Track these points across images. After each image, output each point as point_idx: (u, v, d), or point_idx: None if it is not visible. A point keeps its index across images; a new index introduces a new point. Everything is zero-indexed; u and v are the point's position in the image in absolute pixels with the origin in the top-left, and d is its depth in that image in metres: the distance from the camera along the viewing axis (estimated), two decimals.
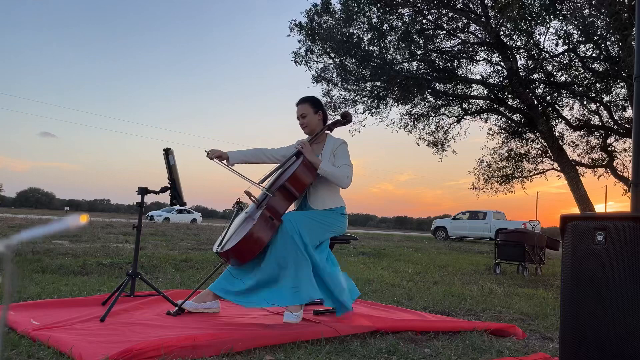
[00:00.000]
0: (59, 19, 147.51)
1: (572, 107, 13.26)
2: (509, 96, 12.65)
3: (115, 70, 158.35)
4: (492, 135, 14.41)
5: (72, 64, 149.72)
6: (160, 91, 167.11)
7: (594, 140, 14.00)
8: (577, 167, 12.65)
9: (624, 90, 11.72)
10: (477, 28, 11.90)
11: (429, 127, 14.20)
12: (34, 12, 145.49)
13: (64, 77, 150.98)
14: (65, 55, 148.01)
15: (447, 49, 12.63)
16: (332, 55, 12.68)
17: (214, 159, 2.88)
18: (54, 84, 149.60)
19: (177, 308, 2.64)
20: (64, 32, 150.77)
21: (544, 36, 11.33)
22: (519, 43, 11.73)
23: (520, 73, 11.79)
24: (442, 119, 14.15)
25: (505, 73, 12.07)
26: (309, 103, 2.96)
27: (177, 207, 26.97)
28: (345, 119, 3.07)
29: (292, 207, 2.83)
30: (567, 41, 10.71)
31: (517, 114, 13.35)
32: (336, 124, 3.03)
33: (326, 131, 3.01)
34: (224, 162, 2.90)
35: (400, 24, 11.77)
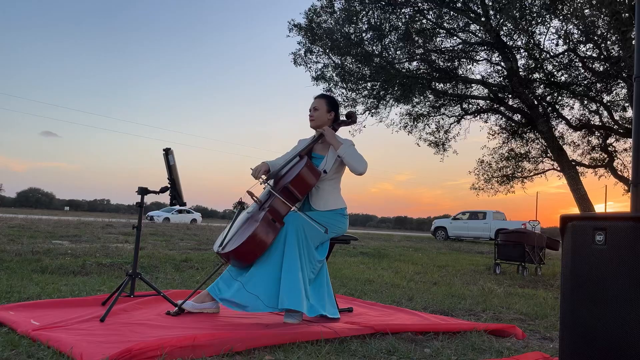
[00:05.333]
0: (60, 19, 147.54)
1: (572, 107, 13.28)
2: (509, 96, 12.65)
3: (116, 70, 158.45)
4: (493, 135, 14.42)
5: (72, 64, 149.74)
6: (161, 91, 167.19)
7: (594, 140, 14.01)
8: (577, 167, 12.66)
9: (624, 90, 11.72)
10: (477, 28, 11.90)
11: (429, 127, 14.22)
12: (35, 12, 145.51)
13: (64, 77, 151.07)
14: (66, 55, 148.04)
15: (447, 48, 12.64)
16: (332, 55, 12.68)
17: (260, 178, 2.77)
18: (54, 83, 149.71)
19: (177, 308, 2.64)
20: (65, 31, 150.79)
21: (544, 36, 11.34)
22: (519, 43, 11.74)
23: (521, 73, 11.79)
24: (442, 119, 14.16)
25: (505, 73, 12.07)
26: (326, 100, 2.99)
27: (177, 207, 26.96)
28: (350, 119, 3.07)
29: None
30: (567, 41, 10.71)
31: (517, 114, 13.36)
32: (341, 124, 3.02)
33: (332, 131, 3.00)
34: (266, 179, 2.82)
35: (400, 23, 11.77)
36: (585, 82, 11.82)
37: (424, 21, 11.93)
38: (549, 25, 10.82)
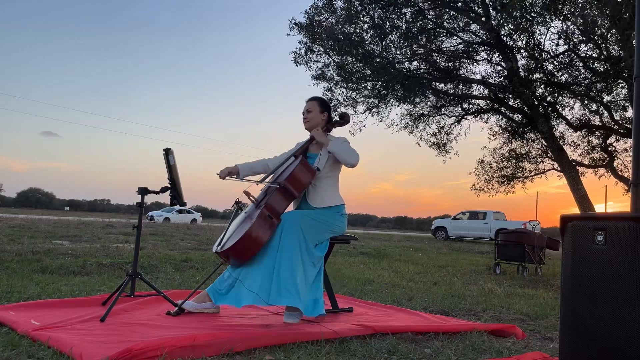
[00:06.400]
0: (60, 19, 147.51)
1: (573, 107, 13.29)
2: (510, 96, 12.65)
3: (116, 70, 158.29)
4: (494, 135, 14.43)
5: (72, 64, 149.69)
6: (161, 91, 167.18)
7: (594, 140, 14.01)
8: (577, 167, 12.66)
9: (624, 90, 11.72)
10: (478, 28, 11.90)
11: (430, 127, 14.22)
12: (35, 12, 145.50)
13: (64, 77, 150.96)
14: (66, 55, 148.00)
15: (447, 48, 12.64)
16: (333, 54, 12.69)
17: (227, 178, 2.93)
18: (54, 83, 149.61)
19: (177, 308, 2.64)
20: (65, 31, 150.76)
21: (544, 36, 11.35)
22: (519, 43, 11.74)
23: (521, 73, 11.79)
24: (443, 119, 14.17)
25: (506, 73, 12.08)
26: (318, 102, 3.04)
27: (177, 207, 26.98)
28: (344, 119, 3.11)
29: (291, 206, 2.84)
30: (567, 41, 10.71)
31: (518, 114, 13.36)
32: (334, 124, 3.06)
33: (325, 132, 3.02)
34: (234, 176, 2.95)
35: (401, 23, 11.78)
36: (586, 82, 11.82)
37: (425, 21, 11.93)
38: (549, 25, 10.84)
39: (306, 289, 2.58)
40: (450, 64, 12.64)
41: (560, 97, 12.66)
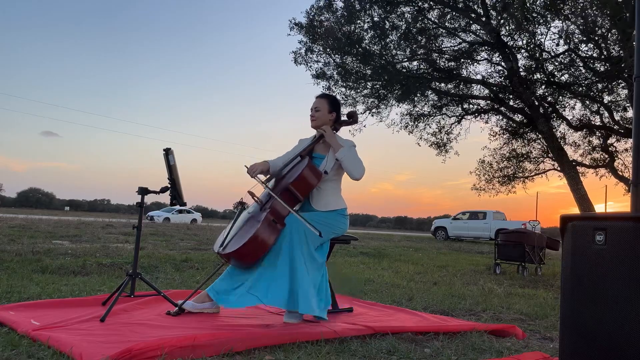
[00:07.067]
0: (60, 19, 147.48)
1: (573, 108, 13.30)
2: (510, 96, 12.66)
3: (116, 70, 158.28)
4: (494, 136, 14.43)
5: (72, 64, 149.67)
6: (161, 91, 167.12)
7: (595, 141, 14.02)
8: (577, 167, 12.67)
9: (625, 91, 11.72)
10: (478, 28, 11.90)
11: (430, 127, 14.22)
12: (35, 12, 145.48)
13: (64, 77, 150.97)
14: (66, 55, 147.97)
15: (447, 48, 12.65)
16: (333, 54, 12.69)
17: (256, 177, 2.75)
18: (54, 83, 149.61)
19: (177, 308, 2.64)
20: (65, 31, 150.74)
21: (545, 36, 11.35)
22: (519, 43, 11.75)
23: (521, 73, 11.79)
24: (443, 119, 14.17)
25: (506, 73, 12.08)
26: (327, 100, 2.97)
27: (177, 207, 26.99)
28: (352, 119, 3.05)
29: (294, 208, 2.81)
30: (568, 41, 10.72)
31: (518, 114, 13.36)
32: (342, 123, 3.01)
33: (333, 132, 2.99)
34: (261, 176, 2.78)
35: (401, 22, 11.79)
36: (586, 82, 11.82)
37: (425, 21, 11.94)
38: (549, 25, 10.84)
39: (310, 293, 2.56)
40: (450, 64, 12.65)
41: (560, 97, 12.67)
